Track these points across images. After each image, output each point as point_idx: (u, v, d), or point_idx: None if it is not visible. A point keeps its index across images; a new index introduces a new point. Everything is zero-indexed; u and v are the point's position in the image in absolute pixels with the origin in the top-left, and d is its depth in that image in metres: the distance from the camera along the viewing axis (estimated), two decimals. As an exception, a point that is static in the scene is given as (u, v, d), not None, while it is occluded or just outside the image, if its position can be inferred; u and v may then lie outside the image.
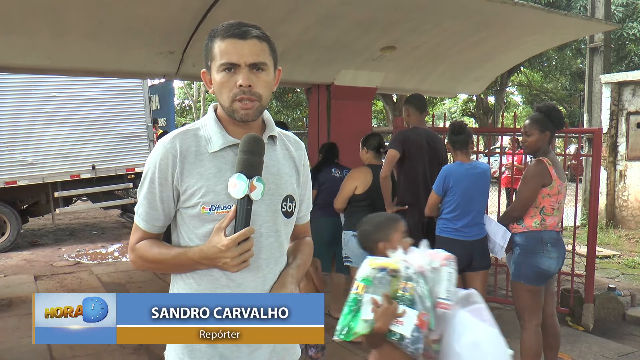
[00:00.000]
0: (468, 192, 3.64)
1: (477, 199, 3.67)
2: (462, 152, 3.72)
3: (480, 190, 3.69)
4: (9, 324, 4.90)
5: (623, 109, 10.06)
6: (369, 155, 4.53)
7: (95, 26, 4.40)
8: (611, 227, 9.99)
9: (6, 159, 8.30)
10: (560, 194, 3.31)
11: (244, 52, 1.42)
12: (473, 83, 7.54)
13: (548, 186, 3.27)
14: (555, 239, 3.31)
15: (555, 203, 3.30)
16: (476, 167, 3.74)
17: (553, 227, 3.32)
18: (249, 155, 1.40)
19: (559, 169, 3.34)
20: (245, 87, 1.42)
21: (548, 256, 3.27)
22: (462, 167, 3.68)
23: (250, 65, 1.43)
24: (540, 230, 3.31)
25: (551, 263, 3.28)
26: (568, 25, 5.98)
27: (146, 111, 9.60)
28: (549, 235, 3.30)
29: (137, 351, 4.26)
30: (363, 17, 4.97)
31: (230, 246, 1.36)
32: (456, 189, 3.64)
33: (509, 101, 30.25)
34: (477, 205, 3.68)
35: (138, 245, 1.53)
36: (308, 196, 1.72)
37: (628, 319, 5.11)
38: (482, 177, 3.70)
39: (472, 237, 3.65)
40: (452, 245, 3.61)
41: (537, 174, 3.28)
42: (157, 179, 1.48)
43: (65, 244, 9.02)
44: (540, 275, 3.30)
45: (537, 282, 3.31)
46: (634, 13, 15.91)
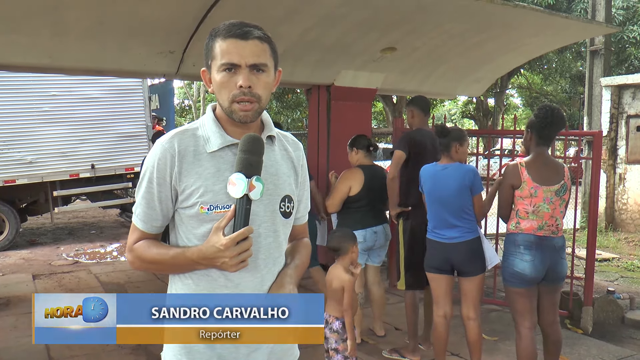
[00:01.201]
0: (433, 193, 3.58)
1: (442, 203, 3.54)
2: (444, 154, 3.64)
3: (449, 195, 3.52)
4: (7, 323, 4.88)
5: (623, 112, 10.07)
6: (359, 155, 4.45)
7: (95, 25, 4.40)
8: (610, 230, 9.99)
9: (5, 158, 8.28)
10: (534, 197, 3.22)
11: (245, 52, 1.42)
12: (473, 85, 7.55)
13: (518, 188, 3.26)
14: (530, 242, 3.23)
15: (529, 206, 3.23)
16: (450, 169, 3.57)
17: (532, 231, 3.24)
18: (248, 155, 1.39)
19: (542, 172, 3.24)
20: (245, 88, 1.42)
21: (521, 258, 3.23)
22: (435, 167, 3.64)
23: (251, 66, 1.42)
24: (515, 232, 3.30)
25: (525, 265, 3.22)
26: (568, 28, 5.98)
27: (146, 111, 9.60)
28: (523, 237, 3.25)
29: (136, 351, 4.25)
30: (363, 18, 4.97)
31: (228, 246, 1.35)
32: (425, 188, 3.66)
33: (509, 103, 30.29)
34: (443, 209, 3.54)
35: (136, 245, 1.52)
36: (306, 197, 1.72)
37: (627, 322, 5.10)
38: (455, 180, 3.52)
39: (448, 240, 3.54)
40: (431, 246, 3.64)
41: (506, 175, 3.33)
42: (155, 178, 1.48)
43: (64, 243, 9.01)
44: (515, 277, 3.26)
45: (516, 284, 3.28)
46: (634, 16, 15.94)
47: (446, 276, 3.61)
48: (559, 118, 3.28)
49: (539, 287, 3.36)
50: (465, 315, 3.61)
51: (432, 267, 3.64)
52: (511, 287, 3.33)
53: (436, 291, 3.66)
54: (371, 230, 4.28)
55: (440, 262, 3.59)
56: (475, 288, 3.59)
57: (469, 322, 3.59)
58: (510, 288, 3.34)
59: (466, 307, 3.60)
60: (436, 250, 3.60)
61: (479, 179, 3.60)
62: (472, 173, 3.58)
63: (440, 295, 3.63)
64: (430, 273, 3.66)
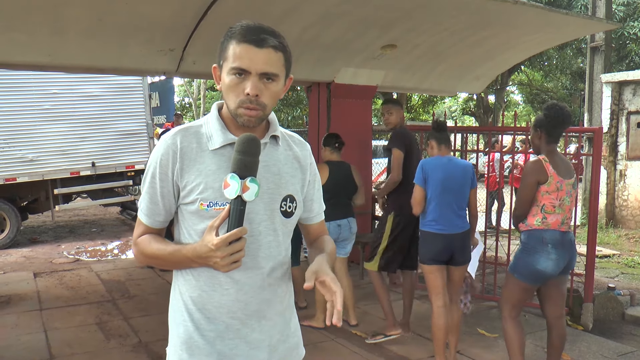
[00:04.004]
0: (443, 183, 3.66)
1: (453, 192, 3.68)
2: (445, 147, 3.82)
3: (457, 184, 3.70)
4: (8, 321, 4.89)
5: (623, 109, 10.06)
6: (326, 152, 4.71)
7: (95, 23, 4.39)
8: (611, 227, 9.99)
9: (6, 156, 8.29)
10: (560, 190, 3.29)
11: (257, 60, 1.41)
12: (473, 82, 7.54)
13: (544, 183, 3.28)
14: (557, 240, 3.28)
15: (556, 200, 3.29)
16: (454, 161, 3.80)
17: (557, 226, 3.30)
18: (242, 156, 1.38)
19: (561, 166, 3.33)
20: (252, 96, 1.41)
21: (547, 257, 3.26)
22: (440, 159, 3.75)
23: (261, 74, 1.42)
24: (542, 228, 3.30)
25: (548, 264, 3.26)
26: (569, 25, 5.97)
27: (146, 108, 9.59)
28: (551, 235, 3.28)
29: (136, 349, 4.26)
30: (363, 16, 4.97)
31: (219, 245, 1.34)
32: (431, 179, 3.69)
33: (509, 100, 30.24)
34: (453, 198, 3.68)
35: (139, 240, 1.54)
36: (319, 195, 1.71)
37: (627, 318, 5.11)
38: (460, 171, 3.72)
39: (450, 231, 3.66)
40: (432, 239, 3.68)
41: (531, 172, 3.34)
42: (158, 174, 1.49)
43: (65, 241, 9.02)
44: (534, 275, 3.31)
45: (530, 281, 3.33)
46: (634, 12, 15.91)
47: (444, 267, 3.75)
48: (568, 116, 3.37)
49: (549, 280, 3.38)
50: (450, 301, 3.80)
51: (432, 260, 3.69)
52: (521, 281, 3.35)
53: (435, 282, 3.72)
54: (335, 223, 4.46)
55: (442, 253, 3.68)
56: (462, 275, 3.85)
57: (453, 307, 3.81)
58: (519, 282, 3.36)
59: (450, 293, 3.81)
60: (439, 242, 3.66)
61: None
62: (472, 167, 3.83)
63: (440, 286, 3.72)
64: (430, 265, 3.70)
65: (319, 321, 4.56)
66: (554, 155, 3.37)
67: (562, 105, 3.39)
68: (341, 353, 4.17)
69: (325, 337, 4.45)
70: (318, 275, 1.43)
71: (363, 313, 5.02)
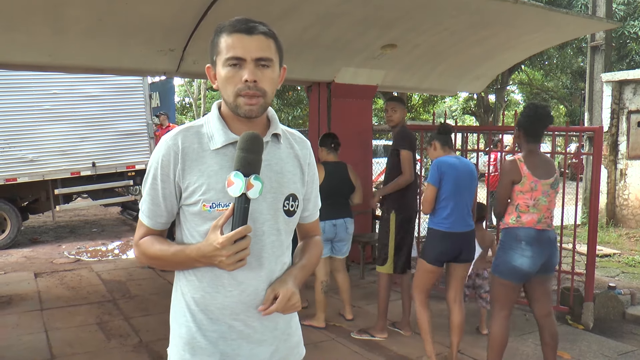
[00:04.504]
0: (457, 181, 3.71)
1: (465, 191, 3.75)
2: (449, 147, 3.91)
3: (467, 183, 3.77)
4: (9, 321, 4.89)
5: (624, 108, 10.05)
6: (322, 152, 4.73)
7: (95, 23, 4.40)
8: (611, 226, 9.99)
9: (6, 156, 8.28)
10: (534, 191, 3.30)
11: (251, 47, 1.41)
12: (474, 81, 7.54)
13: (518, 183, 3.32)
14: (532, 237, 3.29)
15: (530, 200, 3.31)
16: (462, 160, 3.86)
17: (532, 225, 3.31)
18: (246, 153, 1.38)
19: (539, 167, 3.34)
20: (250, 82, 1.41)
21: (521, 254, 3.28)
22: (451, 159, 3.80)
23: (256, 60, 1.42)
24: (516, 226, 3.34)
25: (524, 261, 3.28)
26: (569, 24, 5.96)
27: (146, 109, 9.59)
28: (526, 232, 3.30)
29: (137, 349, 4.26)
30: (363, 15, 4.97)
31: (225, 244, 1.34)
32: (448, 178, 3.72)
33: (510, 99, 30.23)
34: (465, 197, 3.74)
35: (141, 241, 1.53)
36: (315, 194, 1.71)
37: (628, 317, 5.11)
38: (469, 170, 3.81)
39: (462, 229, 3.71)
40: (441, 238, 3.71)
41: (506, 171, 3.40)
42: (159, 175, 1.48)
43: (66, 241, 9.02)
44: (512, 272, 3.32)
45: (510, 278, 3.35)
46: (635, 11, 15.91)
47: (442, 269, 3.83)
48: (544, 115, 3.38)
49: (532, 278, 3.41)
50: (452, 299, 3.83)
51: (436, 260, 3.73)
52: (502, 280, 3.38)
53: (430, 281, 3.84)
54: (330, 222, 4.50)
55: (448, 252, 3.72)
56: (466, 272, 3.90)
57: (455, 305, 3.82)
58: (501, 280, 3.39)
59: (454, 292, 3.84)
60: (448, 240, 3.70)
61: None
62: (474, 167, 3.94)
63: (431, 285, 3.86)
64: (432, 265, 3.74)
65: (320, 321, 4.58)
66: (534, 155, 3.38)
67: (539, 105, 3.43)
68: (341, 353, 4.18)
69: (325, 336, 4.45)
70: (274, 289, 1.47)
71: (363, 312, 5.03)
